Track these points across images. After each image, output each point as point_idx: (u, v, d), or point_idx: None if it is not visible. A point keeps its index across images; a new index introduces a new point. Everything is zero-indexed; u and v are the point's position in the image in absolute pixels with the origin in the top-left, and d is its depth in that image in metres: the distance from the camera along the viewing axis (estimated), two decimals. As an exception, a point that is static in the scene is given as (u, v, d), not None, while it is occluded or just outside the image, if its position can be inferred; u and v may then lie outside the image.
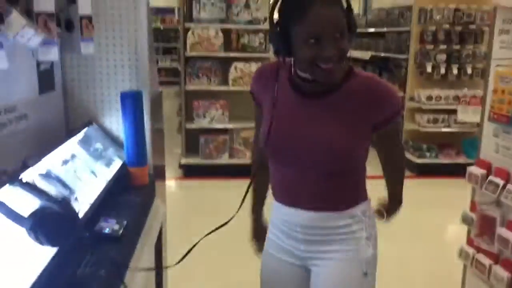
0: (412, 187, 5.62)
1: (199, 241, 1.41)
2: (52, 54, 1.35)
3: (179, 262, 1.39)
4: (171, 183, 5.55)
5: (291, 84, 1.39)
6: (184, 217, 4.56)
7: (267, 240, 1.58)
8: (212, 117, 5.45)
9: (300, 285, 1.54)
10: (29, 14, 1.27)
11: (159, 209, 1.90)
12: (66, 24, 1.62)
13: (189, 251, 1.40)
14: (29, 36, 1.15)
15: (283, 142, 1.39)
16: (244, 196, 1.45)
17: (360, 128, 1.36)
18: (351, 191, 1.47)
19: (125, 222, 1.40)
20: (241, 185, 1.40)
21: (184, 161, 5.55)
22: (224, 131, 5.51)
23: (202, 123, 5.45)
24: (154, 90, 2.24)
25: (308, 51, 1.23)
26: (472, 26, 5.59)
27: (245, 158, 5.49)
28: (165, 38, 13.68)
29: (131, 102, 1.67)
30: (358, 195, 1.49)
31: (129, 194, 1.66)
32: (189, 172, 5.56)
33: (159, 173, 2.35)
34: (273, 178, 1.51)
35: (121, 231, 1.36)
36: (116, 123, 1.92)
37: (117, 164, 1.76)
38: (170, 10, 13.40)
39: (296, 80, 1.38)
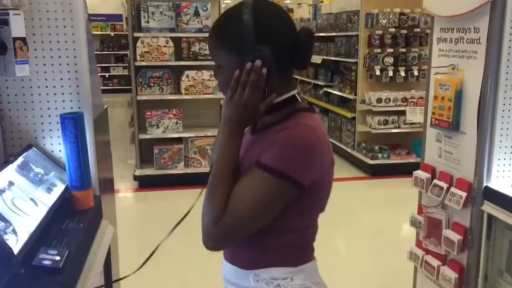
0: (365, 188, 5.80)
1: (157, 246, 1.36)
2: (-19, 81, 1.29)
3: (138, 269, 1.34)
4: (126, 195, 5.45)
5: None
6: (140, 230, 4.48)
7: None
8: (166, 127, 5.38)
9: None
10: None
11: (106, 231, 1.85)
12: (-1, 47, 1.55)
13: (148, 259, 1.37)
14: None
15: None
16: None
17: None
18: (259, 249, 1.24)
19: (67, 252, 1.35)
20: (198, 194, 1.36)
21: (138, 172, 5.46)
22: (179, 140, 5.46)
23: (155, 133, 5.38)
24: (98, 107, 2.18)
25: None
26: (417, 29, 5.78)
27: (200, 166, 5.46)
28: (116, 45, 13.44)
29: (71, 124, 1.62)
30: (269, 257, 1.25)
31: (73, 220, 1.60)
32: (144, 183, 5.47)
33: (107, 190, 2.30)
34: None
35: (62, 262, 1.31)
36: (58, 145, 1.85)
37: (59, 189, 1.70)
38: (120, 17, 13.18)
39: None
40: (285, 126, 1.16)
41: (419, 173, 2.49)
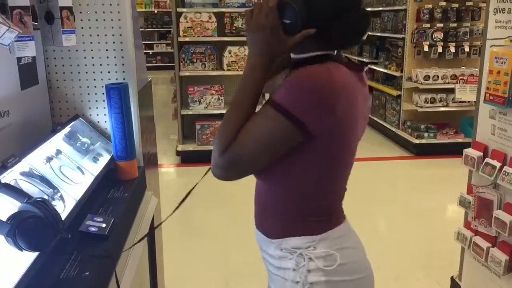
0: (410, 167, 5.66)
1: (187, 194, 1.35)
2: (29, 50, 1.30)
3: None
4: (168, 170, 5.53)
5: None
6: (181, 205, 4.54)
7: None
8: (208, 103, 5.40)
9: None
10: (3, 8, 1.22)
11: (149, 201, 1.86)
12: (46, 16, 1.57)
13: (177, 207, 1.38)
14: (1, 33, 1.10)
15: None
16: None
17: None
18: (282, 218, 1.23)
19: (112, 220, 1.37)
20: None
21: (180, 147, 5.52)
22: (220, 116, 5.46)
23: (197, 109, 5.40)
24: (142, 80, 2.19)
25: None
26: (469, 3, 5.51)
27: (242, 143, 5.45)
28: (160, 22, 13.54)
29: (116, 95, 1.63)
30: (291, 226, 1.22)
31: (118, 190, 1.62)
32: (186, 158, 5.52)
33: (151, 164, 2.32)
34: None
35: (108, 229, 1.33)
36: (104, 116, 1.88)
37: (105, 159, 1.72)
38: (164, -7, 13.24)
39: None
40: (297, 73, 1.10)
41: (470, 151, 2.39)
